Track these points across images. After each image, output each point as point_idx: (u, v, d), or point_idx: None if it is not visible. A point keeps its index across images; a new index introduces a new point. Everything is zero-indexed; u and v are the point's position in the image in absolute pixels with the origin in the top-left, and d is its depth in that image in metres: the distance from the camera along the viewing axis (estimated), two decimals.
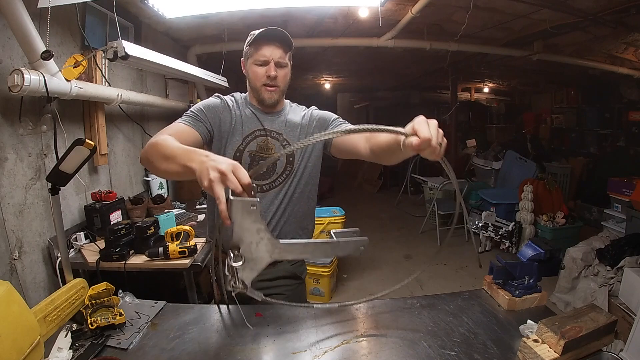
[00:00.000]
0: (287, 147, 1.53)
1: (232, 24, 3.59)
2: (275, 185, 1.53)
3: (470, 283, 4.09)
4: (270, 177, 1.53)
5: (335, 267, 3.92)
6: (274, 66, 1.49)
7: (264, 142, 1.55)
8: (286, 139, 1.56)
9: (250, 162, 1.52)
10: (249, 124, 1.55)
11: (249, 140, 1.53)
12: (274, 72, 1.48)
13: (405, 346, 1.11)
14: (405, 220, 6.55)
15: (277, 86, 1.52)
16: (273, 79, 1.49)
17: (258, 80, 1.51)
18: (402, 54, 5.00)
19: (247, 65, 1.55)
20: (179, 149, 1.12)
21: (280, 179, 1.54)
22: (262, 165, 1.36)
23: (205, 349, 1.09)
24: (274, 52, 1.48)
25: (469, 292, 1.45)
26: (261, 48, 1.48)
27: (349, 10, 3.38)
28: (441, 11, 3.44)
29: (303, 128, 1.60)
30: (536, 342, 1.03)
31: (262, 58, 1.48)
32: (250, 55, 1.52)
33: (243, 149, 1.52)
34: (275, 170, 1.53)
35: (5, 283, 0.98)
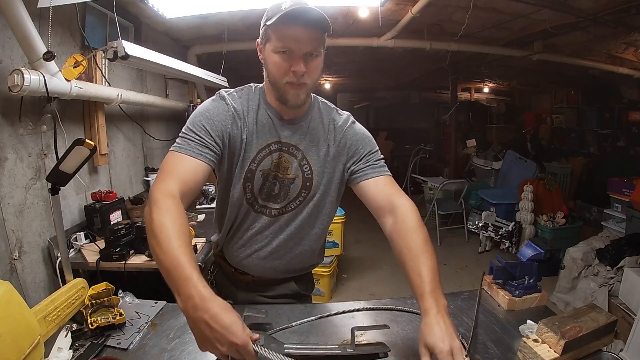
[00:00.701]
0: (306, 166, 1.25)
1: (232, 24, 3.59)
2: (286, 211, 1.28)
3: (470, 283, 4.09)
4: (282, 200, 1.27)
5: (335, 267, 3.92)
6: (302, 59, 1.10)
7: (279, 157, 1.23)
8: (305, 157, 1.25)
9: (263, 182, 1.24)
10: (264, 134, 1.23)
11: (263, 156, 1.22)
12: (302, 68, 1.10)
13: (405, 346, 1.11)
14: None
15: (305, 83, 1.14)
16: (301, 77, 1.12)
17: (280, 75, 1.13)
18: (402, 54, 5.01)
19: (265, 51, 1.15)
20: (170, 260, 0.89)
21: (294, 204, 1.28)
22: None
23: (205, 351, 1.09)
24: (305, 40, 1.08)
25: (468, 292, 1.44)
26: (287, 31, 1.07)
27: (349, 10, 3.38)
28: (441, 11, 3.44)
29: (331, 143, 1.28)
30: (536, 342, 1.03)
31: (288, 46, 1.09)
32: (269, 39, 1.12)
33: (255, 168, 1.22)
34: (288, 195, 1.26)
35: (5, 283, 0.98)
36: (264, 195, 1.25)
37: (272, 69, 1.14)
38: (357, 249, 5.14)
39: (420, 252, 1.07)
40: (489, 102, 10.52)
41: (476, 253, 4.99)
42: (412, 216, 1.15)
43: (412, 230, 1.12)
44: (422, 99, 10.72)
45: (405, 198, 1.21)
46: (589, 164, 6.54)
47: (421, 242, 1.10)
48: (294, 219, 1.29)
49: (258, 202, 1.26)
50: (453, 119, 7.10)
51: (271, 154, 1.23)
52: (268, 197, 1.26)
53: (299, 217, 1.29)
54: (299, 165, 1.25)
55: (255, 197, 1.26)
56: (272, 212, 1.27)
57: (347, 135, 1.30)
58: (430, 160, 8.68)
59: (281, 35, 1.08)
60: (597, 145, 6.77)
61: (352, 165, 1.28)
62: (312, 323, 1.24)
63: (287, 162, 1.24)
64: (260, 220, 1.29)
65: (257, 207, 1.27)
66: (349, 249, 4.94)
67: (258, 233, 1.30)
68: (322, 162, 1.26)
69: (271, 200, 1.27)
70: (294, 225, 1.30)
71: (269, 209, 1.27)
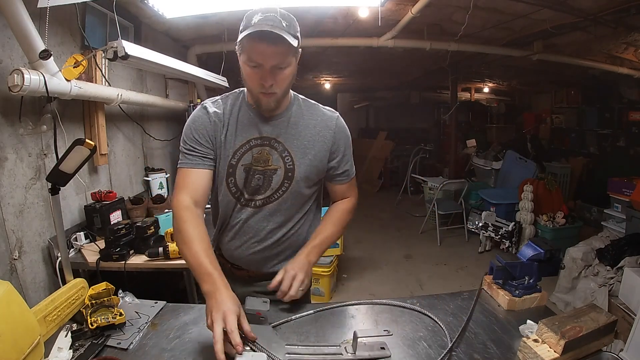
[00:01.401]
0: (287, 157, 1.34)
1: (232, 24, 3.59)
2: (269, 201, 1.36)
3: (470, 283, 4.09)
4: (265, 191, 1.35)
5: (335, 267, 3.92)
6: (269, 73, 1.20)
7: (260, 152, 1.33)
8: (287, 149, 1.34)
9: (246, 176, 1.34)
10: (245, 131, 1.34)
11: (243, 152, 1.33)
12: (269, 81, 1.20)
13: (405, 346, 1.11)
14: (405, 220, 6.55)
15: (274, 93, 1.24)
16: (269, 87, 1.22)
17: (252, 85, 1.25)
18: (402, 54, 5.00)
19: (240, 61, 1.26)
20: (194, 260, 1.15)
21: (277, 194, 1.36)
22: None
23: (205, 349, 1.09)
24: (271, 55, 1.17)
25: (468, 292, 1.44)
26: (255, 48, 1.17)
27: (349, 10, 3.38)
28: (441, 11, 3.44)
29: (313, 131, 1.38)
30: (536, 342, 1.03)
31: (256, 61, 1.19)
32: (243, 51, 1.21)
33: (236, 163, 1.33)
34: (271, 185, 1.35)
35: (5, 283, 0.98)
36: (249, 189, 1.35)
37: (246, 79, 1.26)
38: (357, 249, 5.14)
39: (329, 224, 1.44)
40: (489, 102, 10.52)
41: (476, 253, 4.99)
42: (345, 206, 1.50)
43: (337, 211, 1.49)
44: (422, 99, 10.72)
45: (354, 198, 1.53)
46: (589, 164, 6.54)
47: (336, 219, 1.46)
48: (279, 207, 1.37)
49: (244, 196, 1.37)
50: (453, 119, 7.10)
51: (251, 149, 1.33)
52: (254, 190, 1.35)
53: (284, 204, 1.38)
54: (280, 156, 1.34)
55: (242, 192, 1.36)
56: (256, 203, 1.37)
57: (335, 131, 1.41)
58: (430, 160, 8.68)
59: (250, 50, 1.18)
60: (597, 145, 6.77)
61: (332, 163, 1.42)
62: (313, 323, 1.24)
63: (268, 155, 1.34)
64: (246, 211, 1.38)
65: (242, 201, 1.37)
66: (349, 249, 4.94)
67: (245, 224, 1.39)
68: (303, 152, 1.35)
69: (256, 193, 1.36)
70: (279, 212, 1.38)
71: (254, 200, 1.36)
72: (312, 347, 1.08)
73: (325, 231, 1.42)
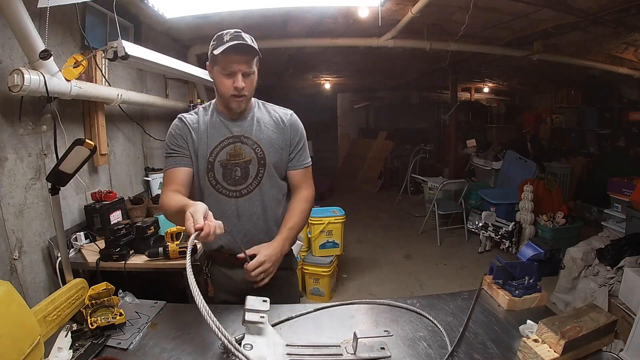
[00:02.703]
0: (257, 149, 1.57)
1: (232, 24, 3.55)
2: (252, 189, 1.57)
3: (470, 283, 4.09)
4: (246, 181, 1.56)
5: (335, 267, 3.92)
6: (241, 77, 1.48)
7: (234, 149, 1.57)
8: (256, 142, 1.58)
9: (224, 171, 1.56)
10: (217, 133, 1.58)
11: (218, 151, 1.56)
12: (241, 84, 1.48)
13: (405, 346, 1.11)
14: (405, 220, 6.55)
15: (244, 95, 1.52)
16: (241, 90, 1.49)
17: (226, 90, 1.50)
18: (402, 54, 5.01)
19: (214, 72, 1.55)
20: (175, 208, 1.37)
21: (256, 181, 1.57)
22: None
23: (205, 349, 1.09)
24: (242, 62, 1.47)
25: (468, 292, 1.45)
26: (228, 59, 1.46)
27: (349, 10, 3.38)
28: (441, 11, 3.44)
29: (274, 126, 1.63)
30: (536, 342, 1.03)
31: (230, 69, 1.47)
32: (217, 63, 1.50)
33: (213, 160, 1.55)
34: (249, 174, 1.56)
35: (5, 283, 0.98)
36: (229, 181, 1.56)
37: (219, 87, 1.52)
38: (357, 249, 5.14)
39: (295, 213, 1.61)
40: (489, 102, 10.52)
41: (476, 253, 4.99)
42: (304, 197, 1.67)
43: (298, 201, 1.65)
44: (422, 99, 10.71)
45: (308, 188, 1.70)
46: (589, 164, 6.54)
47: (299, 209, 1.63)
48: (261, 191, 1.58)
49: (226, 188, 1.56)
50: (453, 119, 7.10)
51: (225, 147, 1.56)
52: (234, 182, 1.56)
53: (264, 188, 1.58)
54: (252, 149, 1.57)
55: (221, 184, 1.56)
56: (241, 192, 1.56)
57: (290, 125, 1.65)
58: (430, 160, 8.67)
59: (225, 61, 1.46)
60: (597, 145, 6.77)
61: (290, 153, 1.65)
62: (313, 323, 1.24)
63: (240, 149, 1.57)
64: (233, 202, 1.56)
65: (227, 193, 1.56)
66: (349, 249, 4.94)
67: (238, 214, 1.56)
68: (269, 143, 1.59)
69: (237, 184, 1.56)
70: (263, 196, 1.58)
71: (237, 191, 1.56)
72: (312, 347, 1.08)
73: (292, 221, 1.60)
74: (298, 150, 1.67)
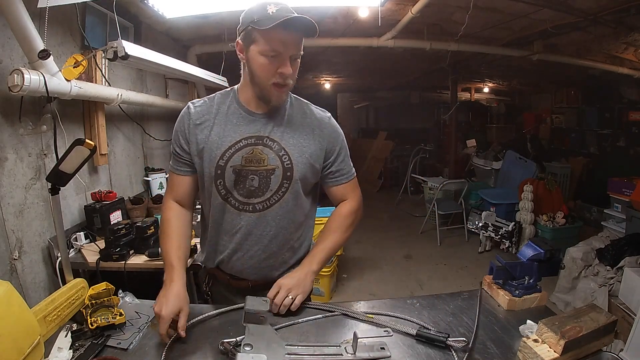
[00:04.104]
0: (284, 156, 1.27)
1: (232, 23, 3.57)
2: (270, 204, 1.30)
3: (470, 283, 4.09)
4: (264, 194, 1.28)
5: (335, 267, 3.92)
6: (289, 61, 1.18)
7: (252, 152, 1.26)
8: (284, 148, 1.27)
9: (237, 178, 1.27)
10: (233, 130, 1.27)
11: (232, 153, 1.26)
12: (289, 70, 1.18)
13: (405, 346, 1.11)
14: (405, 220, 6.55)
15: (288, 84, 1.22)
16: (287, 78, 1.19)
17: (266, 76, 1.19)
18: (402, 54, 5.00)
19: (250, 52, 1.20)
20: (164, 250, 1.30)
21: (277, 196, 1.29)
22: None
23: (206, 349, 1.09)
24: (292, 44, 1.16)
25: (468, 292, 1.44)
26: (276, 37, 1.13)
27: (349, 10, 3.38)
28: (441, 11, 3.44)
29: (308, 130, 1.33)
30: (536, 342, 1.02)
31: (277, 49, 1.15)
32: (256, 41, 1.17)
33: (224, 164, 1.26)
34: (269, 186, 1.28)
35: (5, 283, 0.98)
36: (242, 191, 1.28)
37: (257, 71, 1.20)
38: (357, 249, 5.14)
39: (330, 232, 1.40)
40: (489, 102, 10.52)
41: (476, 253, 4.99)
42: (345, 211, 1.42)
43: (337, 217, 1.42)
44: (422, 99, 10.72)
45: (354, 199, 1.45)
46: (589, 164, 6.54)
47: (336, 226, 1.40)
48: (280, 210, 1.31)
49: (237, 199, 1.29)
50: (453, 119, 7.10)
51: (240, 150, 1.26)
52: (248, 193, 1.28)
53: (285, 207, 1.31)
54: (277, 155, 1.27)
55: (232, 194, 1.29)
56: (255, 207, 1.29)
57: (329, 132, 1.37)
58: (430, 160, 8.67)
59: (270, 39, 1.14)
60: (597, 145, 6.77)
61: (328, 165, 1.38)
62: (313, 323, 1.24)
63: (262, 154, 1.26)
64: (244, 218, 1.31)
65: (237, 205, 1.30)
66: (349, 249, 4.94)
67: (247, 232, 1.32)
68: (301, 151, 1.29)
69: (252, 196, 1.28)
70: (281, 216, 1.32)
71: (251, 204, 1.29)
72: (312, 348, 1.08)
73: (326, 240, 1.38)
74: (340, 161, 1.39)
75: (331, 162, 1.37)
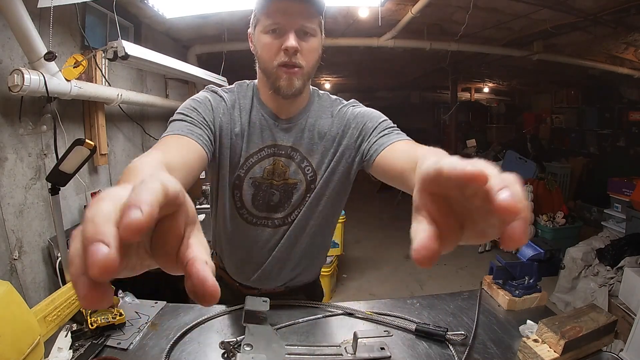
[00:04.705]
0: (307, 167, 1.12)
1: (232, 24, 3.58)
2: (290, 221, 1.18)
3: (470, 283, 4.09)
4: (284, 209, 1.16)
5: (335, 267, 3.92)
6: (294, 35, 0.98)
7: (274, 163, 1.11)
8: (306, 158, 1.12)
9: (255, 192, 1.13)
10: (256, 137, 1.10)
11: (253, 163, 1.10)
12: (293, 43, 0.97)
13: (405, 346, 1.11)
14: (405, 220, 6.42)
15: (299, 66, 1.01)
16: (293, 54, 0.99)
17: (270, 57, 1.01)
18: (402, 54, 5.00)
19: (255, 36, 1.05)
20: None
21: (298, 210, 1.17)
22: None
23: (205, 349, 1.09)
24: (295, 12, 0.97)
25: (468, 292, 1.45)
26: (276, 5, 0.98)
27: (349, 10, 3.38)
28: (441, 11, 3.44)
29: (335, 132, 1.14)
30: (536, 342, 1.03)
31: (277, 21, 0.98)
32: (259, 20, 1.02)
33: (244, 175, 1.11)
34: (291, 202, 1.16)
35: (5, 283, 0.98)
36: (261, 206, 1.15)
37: (261, 53, 1.03)
38: (357, 249, 5.14)
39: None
40: (489, 102, 10.52)
41: (476, 253, 4.99)
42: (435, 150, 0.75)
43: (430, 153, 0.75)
44: (422, 99, 10.72)
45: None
46: (589, 164, 6.54)
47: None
48: (301, 225, 1.19)
49: (253, 214, 1.16)
50: (453, 119, 7.11)
51: (261, 160, 1.11)
52: (267, 207, 1.15)
53: (308, 222, 1.19)
54: (299, 167, 1.12)
55: (247, 209, 1.16)
56: (274, 222, 1.17)
57: (349, 121, 1.13)
58: None
59: (269, 11, 0.98)
60: (597, 145, 6.78)
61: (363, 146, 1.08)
62: (313, 323, 1.24)
63: (284, 167, 1.12)
64: (263, 233, 1.19)
65: (254, 220, 1.17)
66: (349, 249, 4.94)
67: (263, 247, 1.21)
68: (325, 160, 1.13)
69: (272, 211, 1.16)
70: (302, 231, 1.20)
71: (270, 219, 1.17)
72: (312, 348, 1.08)
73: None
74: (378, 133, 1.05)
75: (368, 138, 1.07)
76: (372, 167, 1.04)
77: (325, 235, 1.30)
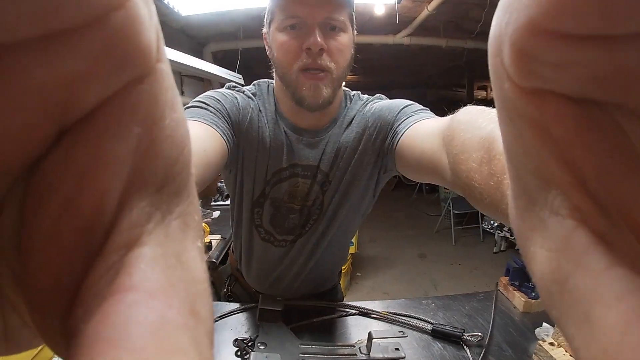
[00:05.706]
0: (326, 184, 0.96)
1: (247, 21, 3.60)
2: (303, 233, 1.05)
3: (484, 283, 4.05)
4: (303, 229, 1.08)
5: (350, 265, 3.91)
6: (318, 30, 0.77)
7: (296, 184, 0.95)
8: (328, 174, 0.95)
9: (274, 212, 0.99)
10: (278, 154, 0.92)
11: (276, 182, 0.95)
12: (318, 40, 0.76)
13: (420, 347, 1.10)
14: (420, 219, 6.51)
15: (326, 70, 0.79)
16: (319, 54, 0.77)
17: (289, 60, 0.80)
18: (417, 52, 4.97)
19: (271, 35, 0.84)
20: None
21: (309, 224, 1.04)
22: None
23: (219, 347, 1.10)
24: (318, 4, 0.77)
25: (484, 293, 1.43)
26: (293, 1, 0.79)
27: (365, 8, 3.37)
28: (457, 8, 3.41)
29: (351, 150, 0.93)
30: (552, 346, 1.01)
31: (297, 15, 0.78)
32: (274, 16, 0.82)
33: (268, 192, 0.95)
34: (309, 223, 1.07)
35: None
36: (279, 227, 1.03)
37: (278, 55, 0.82)
38: (372, 247, 5.13)
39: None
40: None
41: (491, 253, 4.94)
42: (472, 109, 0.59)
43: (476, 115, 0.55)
44: (438, 97, 10.64)
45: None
46: None
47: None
48: (318, 240, 1.08)
49: (270, 233, 1.05)
50: None
51: (286, 180, 0.94)
52: (285, 230, 1.03)
53: (325, 238, 1.08)
54: (320, 188, 0.96)
55: (264, 228, 1.03)
56: (291, 241, 1.07)
57: (368, 119, 0.94)
58: None
59: (286, 2, 0.79)
60: None
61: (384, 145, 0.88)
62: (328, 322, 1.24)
63: (305, 188, 0.96)
64: (279, 251, 1.10)
65: (271, 239, 1.06)
66: (364, 248, 4.93)
67: (279, 264, 1.14)
68: (346, 174, 0.95)
69: (289, 233, 1.05)
70: (319, 247, 1.11)
71: (287, 240, 1.06)
72: (326, 347, 1.07)
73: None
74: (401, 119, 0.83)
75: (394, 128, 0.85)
76: (397, 162, 0.85)
77: (343, 245, 1.25)
